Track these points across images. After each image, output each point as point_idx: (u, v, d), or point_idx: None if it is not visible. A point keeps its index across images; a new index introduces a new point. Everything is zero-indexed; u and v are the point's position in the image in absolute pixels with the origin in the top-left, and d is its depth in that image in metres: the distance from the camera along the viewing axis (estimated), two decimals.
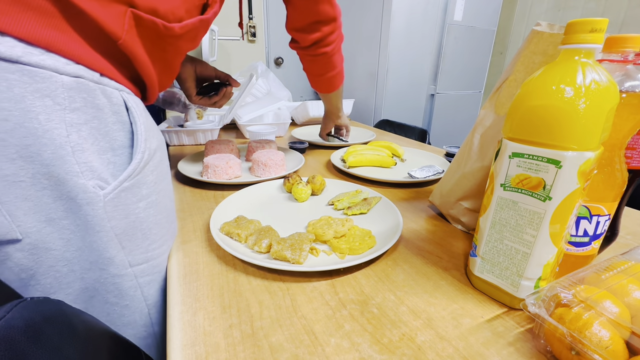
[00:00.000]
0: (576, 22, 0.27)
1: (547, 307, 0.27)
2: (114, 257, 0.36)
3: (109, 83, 0.35)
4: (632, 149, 0.36)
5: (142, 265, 0.39)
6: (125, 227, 0.36)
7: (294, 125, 1.34)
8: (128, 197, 0.36)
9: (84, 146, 0.32)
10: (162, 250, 0.41)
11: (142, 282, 0.39)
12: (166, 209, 0.43)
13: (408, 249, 0.45)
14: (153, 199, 0.39)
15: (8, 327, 0.23)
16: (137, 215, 0.37)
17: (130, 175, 0.36)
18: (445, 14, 1.83)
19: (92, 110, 0.33)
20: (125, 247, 0.37)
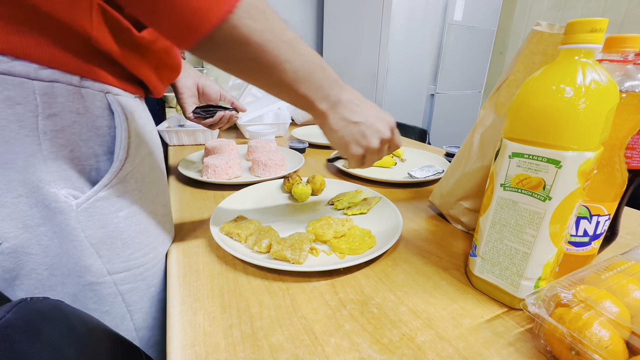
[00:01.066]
0: (576, 22, 0.27)
1: (547, 307, 0.27)
2: (90, 266, 0.35)
3: (91, 85, 0.33)
4: (632, 149, 0.36)
5: (123, 274, 0.38)
6: (102, 236, 0.35)
7: (294, 125, 1.34)
8: (105, 207, 0.35)
9: (59, 154, 0.31)
10: (149, 258, 0.40)
11: (123, 289, 0.38)
12: (156, 217, 0.41)
13: (408, 249, 0.45)
14: (136, 208, 0.38)
15: (8, 327, 0.23)
16: (117, 225, 0.36)
17: (107, 185, 0.34)
18: (445, 14, 1.84)
19: (72, 116, 0.32)
20: (103, 255, 0.36)
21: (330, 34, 2.25)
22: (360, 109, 0.38)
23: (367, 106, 0.39)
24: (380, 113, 0.40)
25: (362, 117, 0.38)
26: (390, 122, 0.41)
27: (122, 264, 0.37)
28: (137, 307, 0.40)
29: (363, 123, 0.38)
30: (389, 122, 0.41)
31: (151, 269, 0.41)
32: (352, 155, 0.40)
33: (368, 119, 0.39)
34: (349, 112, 0.38)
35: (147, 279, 0.41)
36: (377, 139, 0.39)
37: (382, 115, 0.41)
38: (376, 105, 0.41)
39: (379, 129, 0.39)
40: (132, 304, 0.40)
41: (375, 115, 0.40)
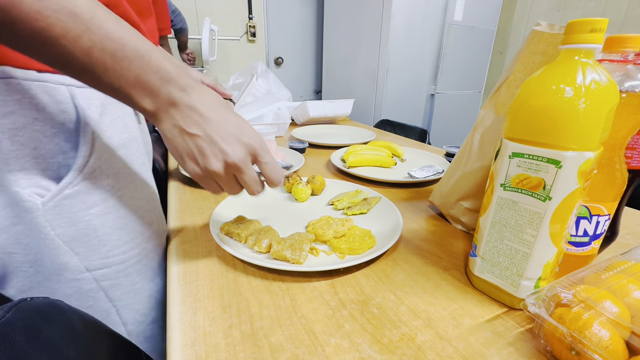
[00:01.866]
0: (576, 22, 0.27)
1: (547, 307, 0.27)
2: (67, 263, 0.35)
3: (50, 79, 0.31)
4: (632, 149, 0.36)
5: (103, 270, 0.37)
6: (74, 234, 0.34)
7: (294, 125, 1.34)
8: (74, 205, 0.34)
9: (20, 152, 0.30)
10: (131, 255, 0.39)
11: (105, 285, 0.38)
12: (138, 212, 0.40)
13: (408, 249, 0.45)
14: (112, 205, 0.37)
15: (8, 327, 0.23)
16: (89, 222, 0.35)
17: (72, 182, 0.33)
18: (445, 14, 1.84)
19: (32, 112, 0.30)
20: (79, 253, 0.35)
21: (330, 34, 2.25)
22: (205, 120, 0.31)
23: (220, 119, 0.32)
24: (236, 131, 0.32)
25: (203, 130, 0.31)
26: (251, 146, 0.33)
27: (100, 260, 0.37)
28: (123, 302, 0.40)
29: (202, 137, 0.31)
30: (249, 146, 0.33)
31: (134, 265, 0.40)
32: (190, 172, 0.33)
33: (211, 134, 0.31)
34: (185, 120, 0.31)
35: (130, 275, 0.40)
36: (220, 161, 0.32)
37: (239, 134, 0.33)
38: (242, 124, 0.33)
39: (224, 150, 0.32)
40: (117, 300, 0.39)
41: (227, 132, 0.32)
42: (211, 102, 0.32)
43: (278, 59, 2.44)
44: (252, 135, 0.34)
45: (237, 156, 0.32)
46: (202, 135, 0.31)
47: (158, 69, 0.29)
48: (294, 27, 2.43)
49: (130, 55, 0.28)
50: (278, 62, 2.45)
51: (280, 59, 2.44)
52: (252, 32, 2.20)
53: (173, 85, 0.30)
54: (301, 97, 2.61)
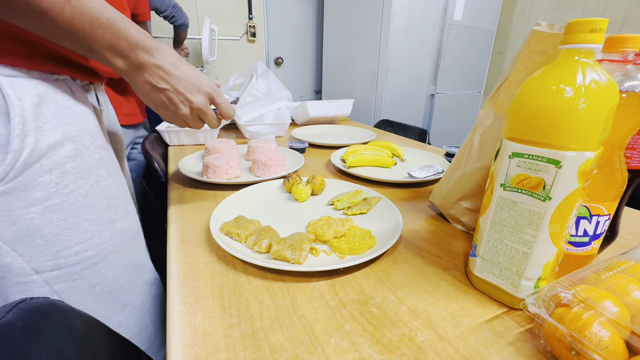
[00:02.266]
0: (576, 22, 0.27)
1: (547, 307, 0.27)
2: (10, 265, 0.33)
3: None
4: (632, 149, 0.36)
5: (54, 272, 0.35)
6: (15, 234, 0.33)
7: (294, 125, 1.34)
8: (10, 202, 0.32)
9: None
10: (85, 255, 0.37)
11: (58, 288, 0.36)
12: (93, 210, 0.38)
13: (408, 249, 0.45)
14: (56, 202, 0.35)
15: (8, 327, 0.23)
16: (31, 222, 0.33)
17: (3, 179, 0.31)
18: (445, 14, 1.84)
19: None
20: (23, 254, 0.33)
21: (330, 34, 2.25)
22: (169, 76, 0.38)
23: (181, 75, 0.39)
24: (196, 81, 0.40)
25: (170, 84, 0.38)
26: (208, 92, 0.42)
27: (49, 262, 0.35)
28: (82, 307, 0.37)
29: (170, 90, 0.39)
30: (206, 92, 0.41)
31: (91, 267, 0.38)
32: (163, 117, 0.42)
33: (177, 87, 0.39)
34: (154, 77, 0.38)
35: (87, 277, 0.38)
36: (187, 107, 0.41)
37: (198, 83, 0.40)
38: (197, 75, 0.41)
39: (189, 98, 0.40)
40: (74, 303, 0.37)
41: (189, 83, 0.40)
42: (173, 60, 0.38)
43: (278, 59, 2.44)
44: (208, 83, 0.42)
45: (199, 102, 0.41)
46: (170, 88, 0.39)
47: (126, 34, 0.35)
48: (294, 27, 2.43)
49: (104, 23, 0.33)
50: (278, 62, 2.45)
51: (280, 59, 2.44)
52: (252, 32, 2.20)
53: (140, 49, 0.36)
54: (301, 97, 2.61)
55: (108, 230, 0.40)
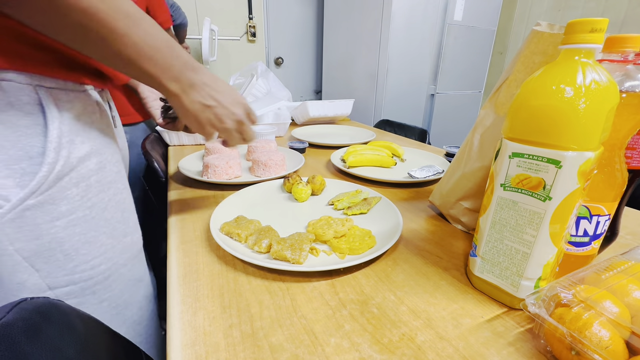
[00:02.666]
0: (576, 22, 0.27)
1: (547, 307, 0.27)
2: (25, 282, 0.32)
3: (15, 77, 0.29)
4: (632, 149, 0.35)
5: (68, 288, 0.34)
6: (37, 249, 0.31)
7: (294, 125, 1.34)
8: (37, 216, 0.31)
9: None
10: (99, 270, 0.37)
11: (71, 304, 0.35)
12: (110, 224, 0.38)
13: (408, 249, 0.45)
14: (80, 216, 0.34)
15: (8, 327, 0.23)
16: (55, 236, 0.32)
17: (35, 192, 0.30)
18: (445, 14, 1.83)
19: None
20: (41, 269, 0.32)
21: (330, 34, 2.25)
22: (215, 92, 0.39)
23: (223, 89, 0.40)
24: (236, 96, 0.42)
25: (217, 100, 0.40)
26: (246, 106, 0.44)
27: (65, 277, 0.34)
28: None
29: (217, 107, 0.40)
30: (245, 106, 0.43)
31: (102, 282, 0.38)
32: (207, 135, 0.42)
33: (223, 102, 0.40)
34: (203, 95, 0.38)
35: (98, 292, 0.37)
36: (233, 121, 0.42)
37: (238, 98, 0.42)
38: (233, 88, 0.43)
39: (234, 112, 0.42)
40: None
41: (231, 98, 0.41)
42: (213, 76, 0.40)
43: (278, 59, 2.44)
44: (243, 98, 0.44)
45: (241, 115, 0.43)
46: (217, 104, 0.40)
47: (180, 56, 0.35)
48: (294, 27, 2.43)
49: (162, 46, 0.33)
50: (278, 62, 2.45)
51: (280, 59, 2.44)
52: (252, 32, 2.20)
53: (188, 68, 0.36)
54: (301, 97, 2.61)
55: (120, 243, 0.40)
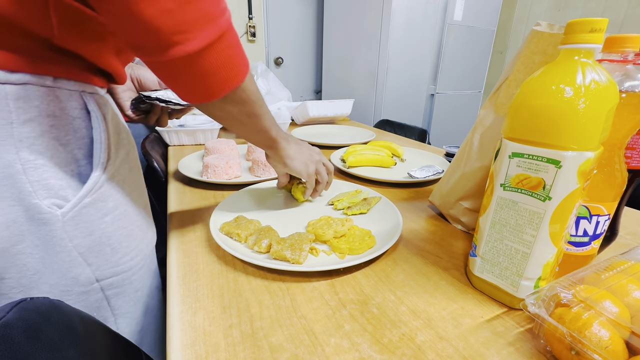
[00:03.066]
0: (576, 22, 0.27)
1: (546, 307, 0.27)
2: (79, 276, 0.34)
3: (65, 85, 0.31)
4: (631, 149, 0.36)
5: (111, 279, 0.37)
6: (90, 244, 0.34)
7: (294, 125, 1.34)
8: (91, 213, 0.33)
9: (38, 162, 0.30)
10: (136, 261, 0.39)
11: (109, 294, 0.37)
12: (139, 218, 0.40)
13: (408, 249, 0.45)
14: (122, 211, 0.37)
15: (8, 327, 0.23)
16: (104, 230, 0.35)
17: (91, 190, 0.33)
18: (445, 14, 1.83)
19: (49, 120, 0.30)
20: (92, 263, 0.34)
21: (330, 34, 2.25)
22: (297, 143, 0.51)
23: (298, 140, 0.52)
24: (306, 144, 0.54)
25: (300, 145, 0.52)
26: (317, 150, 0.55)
27: (110, 269, 0.36)
28: (122, 311, 0.39)
29: (302, 147, 0.51)
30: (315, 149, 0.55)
31: (138, 272, 0.40)
32: (311, 172, 0.52)
33: (303, 147, 0.52)
34: (293, 142, 0.50)
35: (134, 282, 0.40)
36: (317, 157, 0.53)
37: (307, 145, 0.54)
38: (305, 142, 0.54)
39: (312, 150, 0.53)
40: (117, 308, 0.39)
41: (305, 144, 0.53)
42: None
43: (278, 59, 2.44)
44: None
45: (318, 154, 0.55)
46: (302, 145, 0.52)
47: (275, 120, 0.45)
48: (294, 27, 2.43)
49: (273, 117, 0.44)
50: (278, 62, 2.45)
51: (280, 59, 2.44)
52: (252, 32, 2.20)
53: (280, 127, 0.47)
54: (301, 97, 2.60)
55: (146, 236, 0.42)
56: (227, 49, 0.31)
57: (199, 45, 0.28)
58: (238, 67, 0.33)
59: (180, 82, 0.32)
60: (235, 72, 0.33)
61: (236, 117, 0.38)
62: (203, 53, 0.29)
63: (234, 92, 0.34)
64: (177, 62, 0.29)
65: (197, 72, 0.30)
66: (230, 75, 0.32)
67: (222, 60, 0.31)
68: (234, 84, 0.33)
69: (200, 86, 0.32)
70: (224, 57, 0.31)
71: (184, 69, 0.29)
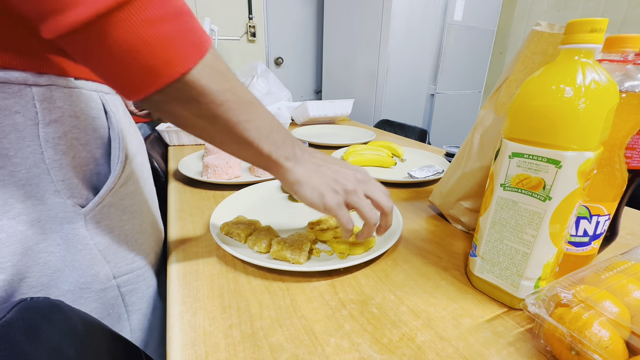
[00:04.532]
0: (576, 22, 0.27)
1: (547, 307, 0.27)
2: (99, 273, 0.34)
3: (85, 85, 0.32)
4: (632, 149, 0.35)
5: (127, 276, 0.37)
6: (109, 242, 0.34)
7: (294, 125, 1.34)
8: (111, 212, 0.34)
9: (62, 161, 0.30)
10: (150, 258, 0.40)
11: (124, 290, 0.38)
12: (151, 215, 0.41)
13: (408, 249, 0.45)
14: (137, 208, 0.37)
15: (8, 327, 0.23)
16: (122, 228, 0.35)
17: (112, 189, 0.33)
18: (445, 14, 1.83)
19: (71, 120, 0.30)
20: (110, 261, 0.35)
21: (330, 34, 2.25)
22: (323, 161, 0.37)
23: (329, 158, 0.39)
24: (343, 163, 0.39)
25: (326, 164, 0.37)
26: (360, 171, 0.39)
27: (127, 266, 0.37)
28: (135, 307, 0.40)
29: (329, 167, 0.37)
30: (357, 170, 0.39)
31: (150, 269, 0.41)
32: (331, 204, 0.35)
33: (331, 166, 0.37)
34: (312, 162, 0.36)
35: (147, 279, 0.41)
36: (351, 181, 0.36)
37: (346, 164, 0.39)
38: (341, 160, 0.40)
39: (349, 171, 0.37)
40: (131, 305, 0.39)
41: (340, 163, 0.38)
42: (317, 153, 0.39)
43: (278, 59, 2.44)
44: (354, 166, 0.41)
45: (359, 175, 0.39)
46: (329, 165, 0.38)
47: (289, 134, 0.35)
48: (294, 27, 2.43)
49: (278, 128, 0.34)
50: (278, 62, 2.45)
51: (280, 59, 2.44)
52: (252, 32, 2.20)
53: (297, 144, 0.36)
54: (301, 97, 2.60)
55: (156, 233, 0.43)
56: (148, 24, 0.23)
57: (86, 14, 0.21)
58: (173, 50, 0.24)
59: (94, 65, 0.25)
60: (169, 56, 0.24)
61: (193, 124, 0.29)
62: (98, 25, 0.22)
63: (173, 86, 0.25)
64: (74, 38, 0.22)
65: (102, 54, 0.23)
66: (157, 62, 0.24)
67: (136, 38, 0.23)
68: (168, 73, 0.25)
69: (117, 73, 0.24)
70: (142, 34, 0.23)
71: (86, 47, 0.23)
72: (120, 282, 0.37)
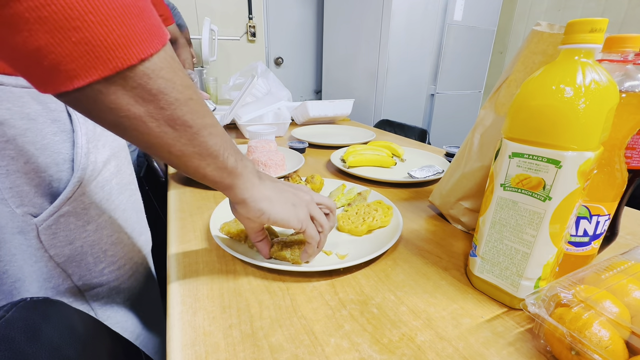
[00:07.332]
0: (576, 22, 0.27)
1: (547, 307, 0.27)
2: (59, 286, 0.32)
3: None
4: (632, 149, 0.35)
5: (97, 289, 0.35)
6: (70, 253, 0.32)
7: (294, 125, 1.34)
8: (70, 222, 0.31)
9: (10, 167, 0.28)
10: (124, 270, 0.37)
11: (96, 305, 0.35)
12: (129, 224, 0.38)
13: (408, 249, 0.45)
14: (106, 218, 0.35)
15: (8, 327, 0.23)
16: (86, 240, 0.33)
17: (70, 198, 0.31)
18: (445, 14, 1.83)
19: (23, 122, 0.28)
20: (73, 274, 0.33)
21: (330, 34, 2.25)
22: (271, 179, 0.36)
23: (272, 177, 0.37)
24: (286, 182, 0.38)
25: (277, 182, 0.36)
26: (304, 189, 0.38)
27: (95, 279, 0.34)
28: (111, 321, 0.38)
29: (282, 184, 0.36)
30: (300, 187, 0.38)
31: (126, 281, 0.38)
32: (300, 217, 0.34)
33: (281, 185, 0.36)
34: (269, 179, 0.35)
35: (123, 292, 0.38)
36: (306, 193, 0.36)
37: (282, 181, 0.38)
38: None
39: (299, 187, 0.36)
40: (106, 319, 0.37)
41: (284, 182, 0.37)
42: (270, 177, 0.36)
43: (278, 59, 2.44)
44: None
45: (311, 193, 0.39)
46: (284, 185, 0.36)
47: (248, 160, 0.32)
48: (294, 27, 2.43)
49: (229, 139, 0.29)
50: (278, 62, 2.45)
51: (280, 59, 2.44)
52: (252, 32, 2.20)
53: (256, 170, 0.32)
54: (301, 97, 2.60)
55: (138, 242, 0.40)
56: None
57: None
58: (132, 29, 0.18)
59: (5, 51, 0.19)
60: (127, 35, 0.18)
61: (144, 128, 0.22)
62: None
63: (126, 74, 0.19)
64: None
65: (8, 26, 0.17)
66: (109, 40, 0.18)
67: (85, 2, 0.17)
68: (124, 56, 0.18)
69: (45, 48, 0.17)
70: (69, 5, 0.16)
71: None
72: (90, 296, 0.35)
